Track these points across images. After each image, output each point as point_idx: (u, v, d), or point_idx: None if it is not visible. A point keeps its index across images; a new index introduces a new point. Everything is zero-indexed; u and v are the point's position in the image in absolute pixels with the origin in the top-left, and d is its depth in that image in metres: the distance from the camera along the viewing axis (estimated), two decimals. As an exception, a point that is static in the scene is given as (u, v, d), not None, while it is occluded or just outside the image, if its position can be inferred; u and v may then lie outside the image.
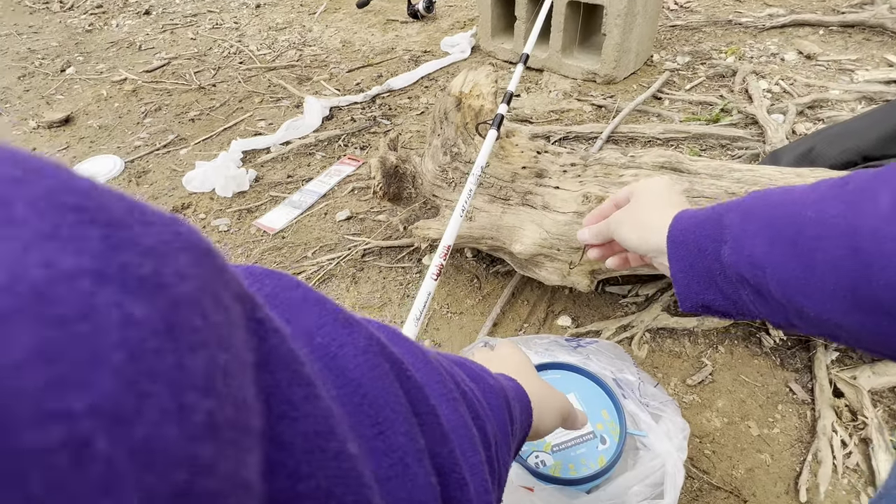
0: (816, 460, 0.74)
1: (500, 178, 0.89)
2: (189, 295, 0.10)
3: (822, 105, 1.35)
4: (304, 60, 2.01)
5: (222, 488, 0.09)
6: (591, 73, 1.61)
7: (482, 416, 0.24)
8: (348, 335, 0.17)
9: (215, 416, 0.09)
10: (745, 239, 0.37)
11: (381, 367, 0.18)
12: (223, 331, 0.11)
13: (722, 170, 0.79)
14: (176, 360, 0.09)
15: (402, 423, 0.17)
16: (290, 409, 0.13)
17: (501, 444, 0.26)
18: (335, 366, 0.17)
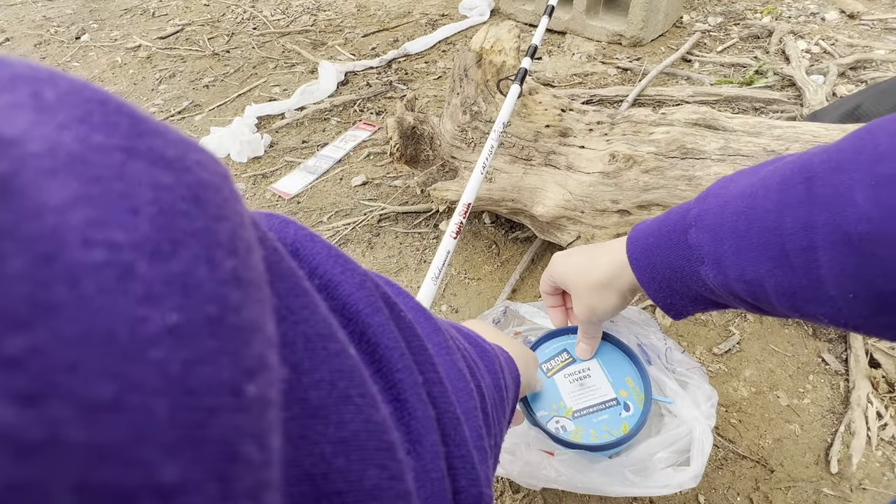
0: (850, 431, 0.71)
1: (522, 137, 0.86)
2: (210, 181, 0.11)
3: (866, 66, 1.27)
4: (319, 25, 1.96)
5: (250, 328, 0.10)
6: (616, 35, 1.53)
7: (477, 375, 0.24)
8: (341, 273, 0.17)
9: (239, 273, 0.10)
10: (727, 259, 0.33)
11: (377, 304, 0.18)
12: (242, 218, 0.12)
13: (761, 127, 0.74)
14: (204, 223, 0.10)
15: (399, 360, 0.17)
16: (289, 313, 0.13)
17: (497, 405, 0.26)
18: (336, 297, 0.17)
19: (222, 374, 0.09)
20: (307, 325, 0.13)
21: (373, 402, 0.14)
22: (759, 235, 0.31)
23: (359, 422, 0.13)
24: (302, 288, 0.14)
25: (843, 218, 0.27)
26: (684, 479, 0.57)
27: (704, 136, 0.75)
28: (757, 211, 0.32)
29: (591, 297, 0.46)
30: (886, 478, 0.68)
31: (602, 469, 0.58)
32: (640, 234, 0.41)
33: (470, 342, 0.28)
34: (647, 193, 0.76)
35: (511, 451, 0.58)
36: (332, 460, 0.12)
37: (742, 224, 0.32)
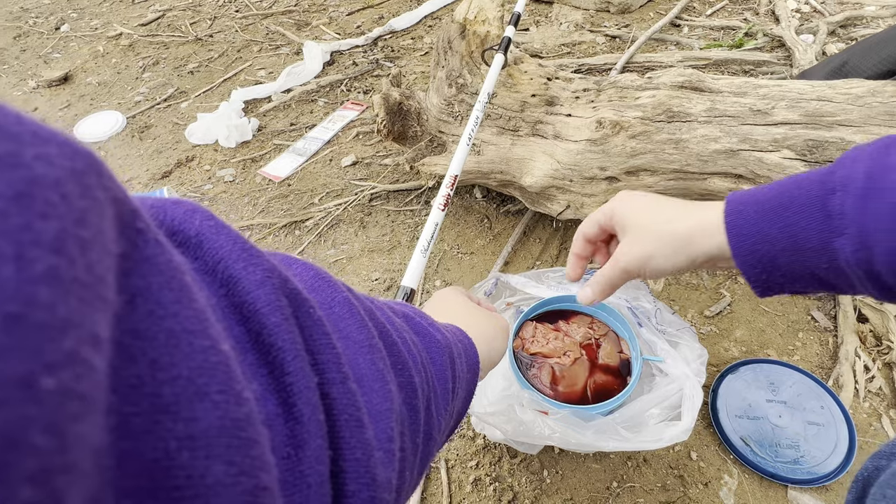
0: (837, 385, 0.73)
1: (508, 108, 0.85)
2: (47, 176, 0.10)
3: (857, 23, 1.25)
4: (302, 5, 1.92)
5: (60, 325, 0.10)
6: (604, 3, 1.51)
7: (411, 367, 0.23)
8: (243, 269, 0.17)
9: (60, 271, 0.10)
10: (879, 231, 0.28)
11: (277, 302, 0.17)
12: (87, 215, 0.11)
13: (746, 87, 0.74)
14: (23, 221, 0.10)
15: (292, 362, 0.17)
16: (157, 307, 0.13)
17: (439, 397, 0.26)
18: (235, 294, 0.17)
19: (12, 369, 0.09)
20: (174, 321, 0.13)
21: (236, 398, 0.14)
22: None
23: (212, 418, 0.13)
24: (178, 282, 0.14)
25: None
26: (676, 432, 0.59)
27: (690, 98, 0.75)
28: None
29: (657, 246, 0.39)
30: (874, 427, 0.69)
31: (596, 426, 0.59)
32: (746, 199, 0.35)
33: (418, 333, 0.27)
34: (635, 159, 0.76)
35: (505, 412, 0.60)
36: (176, 455, 0.12)
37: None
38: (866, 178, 0.29)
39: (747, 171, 0.71)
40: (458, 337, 0.33)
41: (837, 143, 0.66)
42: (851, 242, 0.30)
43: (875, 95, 0.66)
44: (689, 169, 0.75)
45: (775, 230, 0.33)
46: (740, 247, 0.35)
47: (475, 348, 0.34)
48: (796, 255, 0.33)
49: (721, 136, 0.72)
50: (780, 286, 0.35)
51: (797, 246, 0.32)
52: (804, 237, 0.32)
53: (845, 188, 0.30)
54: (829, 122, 0.67)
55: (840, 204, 0.30)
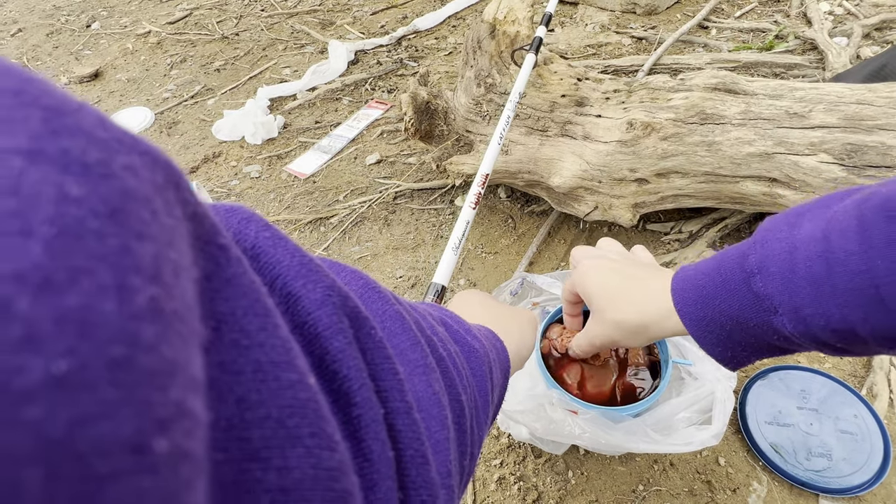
0: (871, 394, 0.72)
1: (537, 108, 0.85)
2: (138, 189, 0.09)
3: (893, 26, 1.23)
4: (326, 5, 1.94)
5: (167, 370, 0.08)
6: (630, 4, 1.50)
7: (458, 385, 0.22)
8: (303, 285, 0.15)
9: (161, 303, 0.09)
10: (806, 308, 0.30)
11: (340, 324, 0.16)
12: (174, 234, 0.10)
13: (782, 89, 0.73)
14: (121, 243, 0.08)
15: (358, 391, 0.15)
16: (242, 336, 0.12)
17: (480, 411, 0.25)
18: (296, 313, 0.15)
19: (122, 431, 0.07)
20: (261, 351, 0.12)
21: (328, 442, 0.12)
22: (845, 280, 0.28)
23: (306, 467, 0.11)
24: (262, 306, 0.12)
25: None
26: (706, 437, 0.58)
27: (724, 100, 0.74)
28: (837, 254, 0.28)
29: (616, 333, 0.41)
30: (908, 438, 0.68)
31: (625, 428, 0.59)
32: (687, 284, 0.36)
33: (458, 341, 0.26)
34: (666, 161, 0.76)
35: (534, 410, 0.60)
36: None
37: (820, 269, 0.29)
38: (779, 261, 0.30)
39: (782, 174, 0.70)
40: (492, 341, 0.32)
41: (878, 148, 0.65)
42: (789, 320, 0.31)
43: (918, 99, 0.65)
44: (722, 172, 0.74)
45: (716, 314, 0.34)
46: (697, 332, 0.35)
47: (506, 351, 0.33)
48: (746, 333, 0.33)
49: (755, 139, 0.71)
50: (747, 358, 0.35)
51: (743, 325, 0.33)
52: (745, 318, 0.33)
53: (762, 272, 0.31)
54: (869, 126, 0.66)
55: (763, 286, 0.31)
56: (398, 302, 0.21)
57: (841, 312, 0.28)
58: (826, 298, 0.29)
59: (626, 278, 0.42)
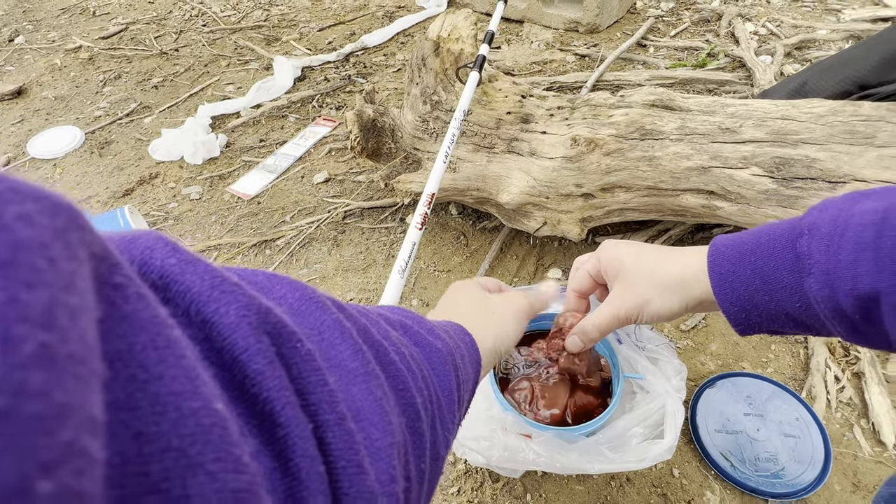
0: (810, 396, 0.74)
1: (483, 125, 0.85)
2: (33, 239, 0.09)
3: (810, 45, 1.32)
4: (272, 20, 1.90)
5: (57, 413, 0.09)
6: (573, 22, 1.54)
7: (412, 387, 0.22)
8: (215, 309, 0.15)
9: (53, 349, 0.09)
10: (841, 269, 0.30)
11: (258, 344, 0.15)
12: (74, 278, 0.10)
13: (714, 105, 0.76)
14: (7, 295, 0.09)
15: (282, 411, 0.15)
16: (140, 371, 0.12)
17: (445, 410, 0.25)
18: (211, 338, 0.15)
19: (4, 477, 0.08)
20: (160, 384, 0.12)
21: (235, 465, 0.12)
22: (889, 244, 0.28)
23: (208, 493, 0.11)
24: (163, 338, 0.12)
25: None
26: (659, 451, 0.58)
27: (662, 116, 0.76)
28: (891, 220, 0.29)
29: (653, 290, 0.40)
30: (846, 438, 0.71)
31: (580, 448, 0.58)
32: (727, 242, 0.37)
33: (418, 344, 0.26)
34: (610, 176, 0.77)
35: (488, 437, 0.58)
36: None
37: (868, 234, 0.29)
38: (831, 223, 0.31)
39: (719, 187, 0.73)
40: (461, 337, 0.32)
41: (803, 161, 0.68)
42: (818, 281, 0.31)
43: (836, 115, 0.69)
44: (663, 186, 0.76)
45: (749, 271, 0.35)
46: (721, 287, 0.36)
47: (476, 347, 0.33)
48: (771, 295, 0.34)
49: (692, 153, 0.73)
50: (759, 325, 0.36)
51: (771, 286, 0.34)
52: (776, 277, 0.34)
53: (811, 232, 0.32)
54: (794, 140, 0.69)
55: (807, 246, 0.32)
56: (340, 310, 0.21)
57: (872, 278, 0.29)
58: (864, 262, 0.29)
59: (661, 248, 0.42)
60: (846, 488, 0.66)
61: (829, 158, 0.67)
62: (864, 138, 0.66)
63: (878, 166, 0.65)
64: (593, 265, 0.46)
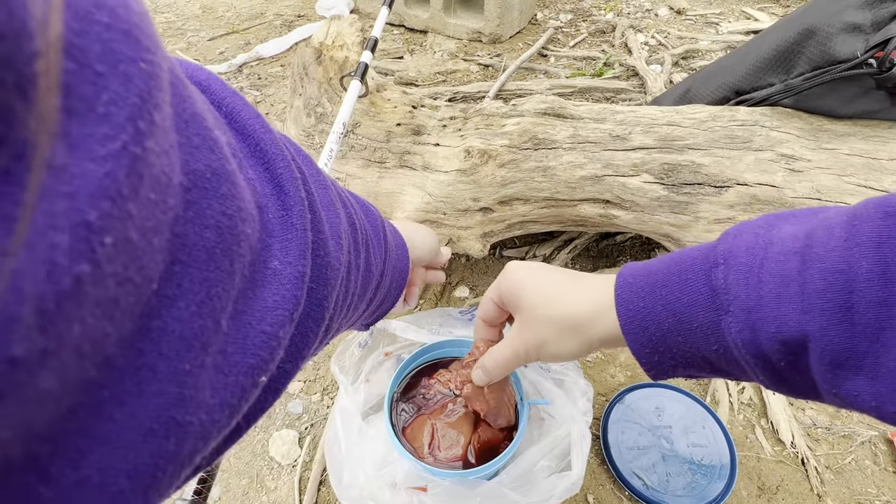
0: (714, 401, 0.74)
1: (373, 138, 0.78)
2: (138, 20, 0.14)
3: (694, 55, 1.39)
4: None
5: None
6: (475, 33, 1.53)
7: (353, 216, 0.31)
8: (243, 106, 0.23)
9: None
10: (764, 308, 0.26)
11: (268, 129, 0.24)
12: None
13: (605, 113, 0.75)
14: None
15: (281, 161, 0.23)
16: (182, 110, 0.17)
17: (375, 247, 0.33)
18: (237, 121, 0.23)
19: None
20: (192, 105, 0.17)
21: (220, 153, 0.18)
22: (817, 279, 0.25)
23: (201, 166, 0.17)
24: (199, 105, 0.18)
25: None
26: (566, 485, 0.54)
27: (554, 125, 0.74)
28: (816, 250, 0.25)
29: (548, 331, 0.36)
30: (749, 440, 0.71)
31: (482, 493, 0.53)
32: (636, 273, 0.33)
33: (360, 203, 0.35)
34: (506, 188, 0.73)
35: (375, 496, 0.51)
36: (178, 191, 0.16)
37: (793, 266, 0.26)
38: (748, 252, 0.28)
39: (613, 196, 0.71)
40: (393, 227, 0.42)
41: (689, 166, 0.68)
42: (737, 321, 0.28)
43: (715, 120, 0.70)
44: (560, 196, 0.73)
45: (660, 307, 0.31)
46: (630, 326, 0.31)
47: (402, 238, 0.42)
48: (685, 337, 0.30)
49: (586, 162, 0.71)
50: (673, 369, 0.32)
51: (685, 325, 0.30)
52: (690, 315, 0.30)
53: (727, 262, 0.29)
54: (680, 146, 0.69)
55: (723, 278, 0.28)
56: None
57: (799, 319, 0.25)
58: (789, 300, 0.26)
59: (566, 275, 0.38)
60: (752, 493, 0.66)
61: (712, 163, 0.67)
62: (743, 142, 0.67)
63: (757, 170, 0.66)
64: (495, 293, 0.42)
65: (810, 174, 0.65)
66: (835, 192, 0.64)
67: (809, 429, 0.72)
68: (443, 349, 0.67)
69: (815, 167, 0.65)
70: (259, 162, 0.22)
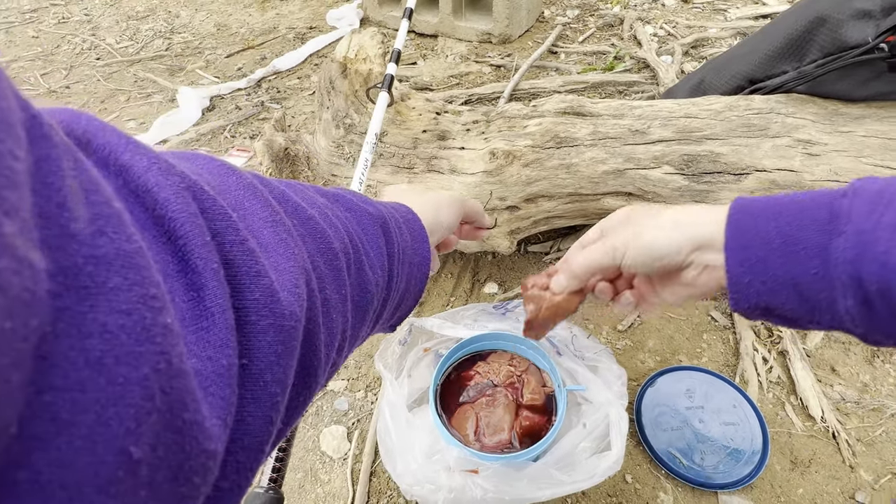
0: (743, 380, 0.77)
1: (400, 146, 0.82)
2: None
3: (704, 43, 1.41)
4: (174, 49, 1.79)
5: None
6: (485, 34, 1.56)
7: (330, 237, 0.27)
8: (131, 158, 0.18)
9: None
10: (880, 231, 0.29)
11: (168, 180, 0.19)
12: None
13: (623, 109, 0.77)
14: None
15: (183, 226, 0.18)
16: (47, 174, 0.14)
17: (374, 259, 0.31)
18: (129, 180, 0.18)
19: None
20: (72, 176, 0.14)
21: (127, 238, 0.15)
22: None
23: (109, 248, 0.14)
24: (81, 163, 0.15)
25: None
26: (608, 464, 0.57)
27: (575, 123, 0.77)
28: None
29: (651, 223, 0.38)
30: (780, 416, 0.73)
31: (529, 475, 0.56)
32: (753, 199, 0.35)
33: (349, 209, 0.31)
34: (531, 186, 0.76)
35: (431, 479, 0.54)
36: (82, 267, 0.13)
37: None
38: (877, 193, 0.31)
39: (635, 188, 0.74)
40: (399, 211, 0.37)
41: (708, 156, 0.70)
42: (848, 241, 0.30)
43: (732, 110, 0.72)
44: (583, 191, 0.76)
45: (772, 227, 0.33)
46: (734, 240, 0.33)
47: (418, 218, 0.38)
48: (787, 258, 0.32)
49: (607, 157, 0.74)
50: (756, 295, 0.33)
51: (791, 246, 0.32)
52: (801, 237, 0.32)
53: (855, 194, 0.31)
54: (699, 137, 0.72)
55: (848, 205, 0.31)
56: (256, 178, 0.25)
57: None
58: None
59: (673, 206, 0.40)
60: (785, 467, 0.68)
61: (730, 152, 0.69)
62: (759, 130, 0.69)
63: (775, 156, 0.68)
64: (599, 224, 0.42)
65: (827, 157, 0.67)
66: (852, 173, 0.66)
67: (839, 403, 0.74)
68: (479, 343, 0.71)
69: (831, 150, 0.67)
70: (158, 234, 0.18)
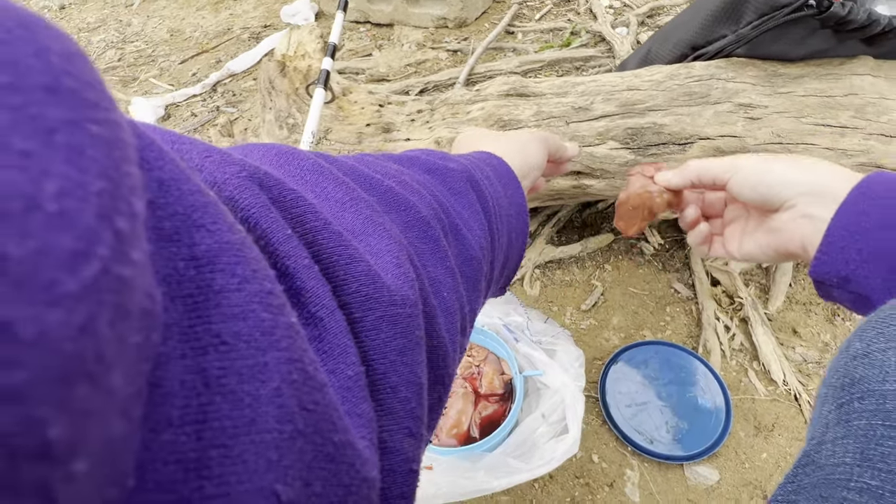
0: (706, 350, 0.77)
1: (346, 142, 0.80)
2: None
3: (659, 12, 1.39)
4: (127, 59, 1.74)
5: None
6: (441, 19, 1.53)
7: (417, 205, 0.25)
8: (217, 167, 0.18)
9: None
10: None
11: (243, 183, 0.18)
12: None
13: (566, 86, 0.76)
14: None
15: (261, 221, 0.17)
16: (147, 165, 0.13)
17: (471, 221, 0.29)
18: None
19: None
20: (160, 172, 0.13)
21: (229, 228, 0.14)
22: None
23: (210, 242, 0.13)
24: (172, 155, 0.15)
25: None
26: (565, 448, 0.57)
27: (518, 105, 0.75)
28: None
29: (770, 158, 0.37)
30: (743, 383, 0.73)
31: (486, 465, 0.56)
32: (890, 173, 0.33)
33: (429, 171, 0.30)
34: (479, 173, 0.75)
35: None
36: (184, 272, 0.13)
37: None
38: None
39: (583, 166, 0.73)
40: (483, 160, 0.35)
41: (652, 128, 0.69)
42: None
43: (673, 79, 0.71)
44: (532, 174, 0.75)
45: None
46: (855, 200, 0.32)
47: (505, 163, 0.36)
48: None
49: (552, 137, 0.72)
50: (845, 265, 0.32)
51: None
52: None
53: None
54: (641, 110, 0.70)
55: None
56: (319, 157, 0.24)
57: None
58: None
59: None
60: (749, 433, 0.69)
61: (673, 122, 0.68)
62: (701, 98, 0.68)
63: (717, 122, 0.67)
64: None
65: (769, 120, 0.66)
66: (794, 133, 0.65)
67: (800, 365, 0.75)
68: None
69: (772, 112, 0.66)
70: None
